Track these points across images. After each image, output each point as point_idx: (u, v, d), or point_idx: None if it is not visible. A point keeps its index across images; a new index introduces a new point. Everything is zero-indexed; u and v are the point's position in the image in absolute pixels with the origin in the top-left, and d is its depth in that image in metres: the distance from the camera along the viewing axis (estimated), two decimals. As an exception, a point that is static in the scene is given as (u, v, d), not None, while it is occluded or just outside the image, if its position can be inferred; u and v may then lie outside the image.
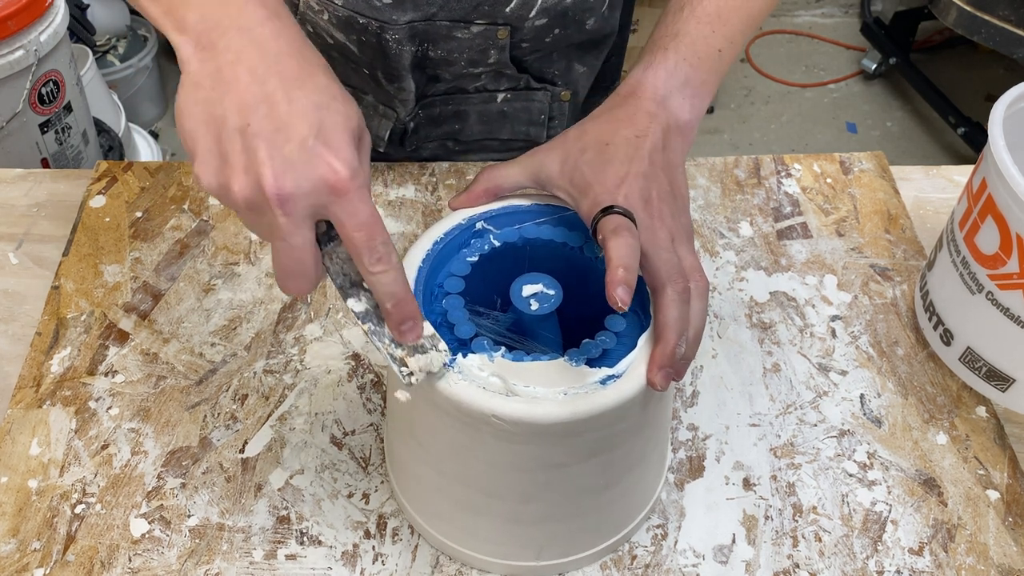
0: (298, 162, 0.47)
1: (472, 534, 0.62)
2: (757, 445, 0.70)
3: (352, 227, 0.48)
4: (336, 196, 0.48)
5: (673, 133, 0.61)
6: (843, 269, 0.83)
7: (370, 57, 0.84)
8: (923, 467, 0.69)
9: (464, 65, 0.85)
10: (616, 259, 0.52)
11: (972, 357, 0.72)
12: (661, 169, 0.59)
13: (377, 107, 0.90)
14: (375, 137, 0.91)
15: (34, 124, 1.46)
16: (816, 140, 2.52)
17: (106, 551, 0.64)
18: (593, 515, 0.61)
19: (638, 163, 0.58)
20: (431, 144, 0.94)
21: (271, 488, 0.67)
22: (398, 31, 0.80)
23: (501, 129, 0.93)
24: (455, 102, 0.90)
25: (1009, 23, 1.99)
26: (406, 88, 0.86)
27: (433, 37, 0.82)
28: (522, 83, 0.90)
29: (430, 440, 0.58)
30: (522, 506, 0.59)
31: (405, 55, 0.82)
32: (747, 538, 0.65)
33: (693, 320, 0.55)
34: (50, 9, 1.44)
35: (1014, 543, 0.65)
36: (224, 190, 0.48)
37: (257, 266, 0.82)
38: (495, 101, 0.91)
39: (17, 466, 0.68)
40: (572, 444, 0.54)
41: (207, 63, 0.49)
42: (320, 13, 0.83)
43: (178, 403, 0.72)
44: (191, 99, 0.49)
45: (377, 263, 0.49)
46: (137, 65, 2.31)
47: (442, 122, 0.92)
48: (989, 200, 0.67)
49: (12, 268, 0.82)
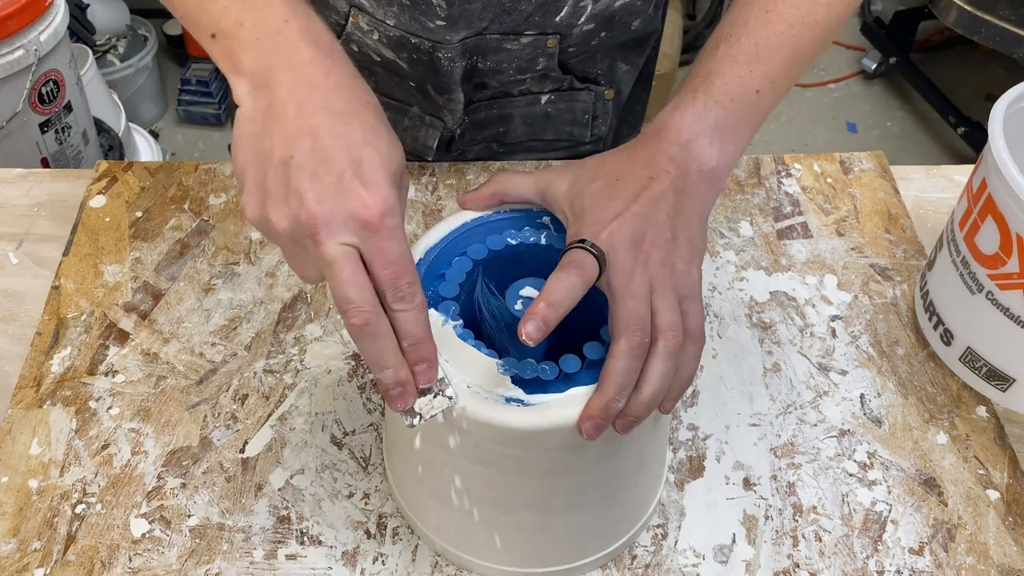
0: (334, 194, 0.48)
1: (471, 541, 0.62)
2: (757, 445, 0.70)
3: (380, 264, 0.49)
4: (367, 231, 0.48)
5: (694, 179, 0.57)
6: (843, 269, 0.83)
7: (420, 73, 0.84)
8: (923, 467, 0.69)
9: (513, 73, 0.85)
10: (544, 292, 0.50)
11: (972, 357, 0.72)
12: (667, 214, 0.55)
13: (423, 118, 0.90)
14: (423, 147, 0.91)
15: (34, 124, 1.46)
16: (816, 140, 2.52)
17: (106, 551, 0.64)
18: (591, 523, 0.61)
19: (640, 204, 0.55)
20: (476, 147, 0.94)
21: (271, 488, 0.67)
22: (451, 49, 0.79)
23: (545, 130, 0.92)
24: (499, 106, 0.90)
25: (1009, 23, 1.99)
26: (455, 99, 0.86)
27: (483, 51, 0.82)
28: (566, 84, 0.89)
29: (430, 448, 0.58)
30: (523, 514, 0.59)
31: (456, 70, 0.82)
32: (747, 538, 0.65)
33: (649, 376, 0.52)
34: (50, 9, 1.45)
35: (1014, 543, 0.65)
36: (265, 222, 0.50)
37: (257, 266, 0.82)
38: (539, 103, 0.90)
39: (17, 466, 0.68)
40: (568, 451, 0.54)
41: (260, 100, 0.51)
42: (369, 33, 0.82)
43: (178, 403, 0.72)
44: (243, 134, 0.51)
45: (400, 301, 0.49)
46: (137, 65, 2.31)
47: (487, 126, 0.92)
48: (989, 200, 0.67)
49: (12, 268, 0.82)
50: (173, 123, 2.52)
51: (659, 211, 0.55)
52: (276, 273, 0.81)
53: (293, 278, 0.81)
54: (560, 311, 0.50)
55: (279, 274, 0.81)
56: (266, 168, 0.49)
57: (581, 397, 0.52)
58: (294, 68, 0.51)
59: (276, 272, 0.81)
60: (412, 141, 0.91)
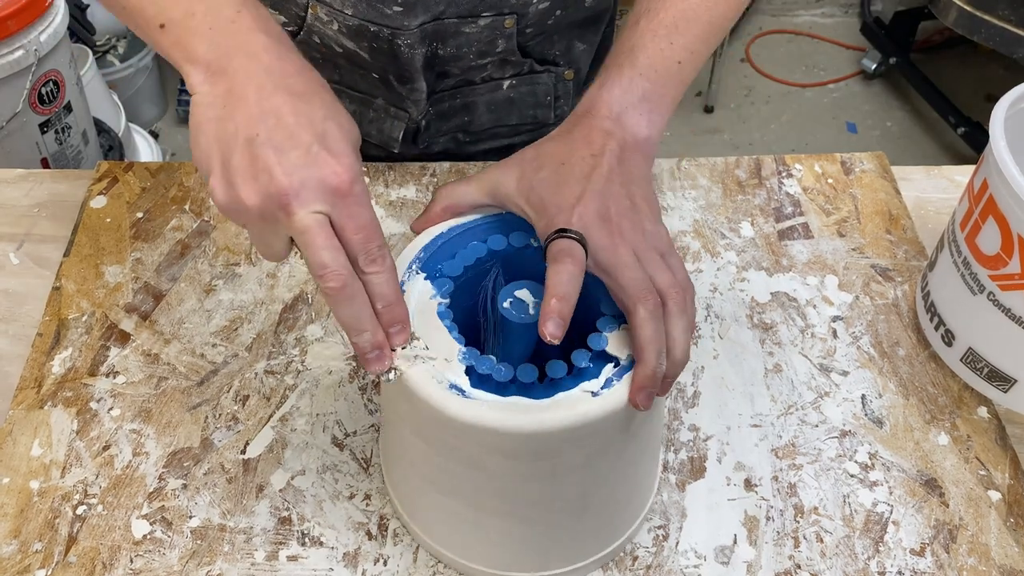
0: (303, 165, 0.50)
1: (466, 544, 0.62)
2: (758, 446, 0.70)
3: (352, 229, 0.50)
4: (337, 198, 0.50)
5: (631, 149, 0.59)
6: (844, 269, 0.83)
7: (382, 62, 0.84)
8: (924, 468, 0.69)
9: (473, 58, 0.86)
10: (550, 288, 0.51)
11: (974, 358, 0.72)
12: (620, 185, 0.57)
13: (388, 109, 0.91)
14: (388, 138, 0.92)
15: (34, 124, 1.46)
16: (816, 140, 2.52)
17: (107, 552, 0.64)
18: (585, 525, 0.60)
19: (595, 181, 0.56)
20: (442, 139, 0.95)
21: (272, 489, 0.67)
22: (410, 35, 0.80)
23: (509, 115, 0.93)
24: (463, 95, 0.91)
25: (1009, 23, 1.99)
26: (418, 88, 0.86)
27: (442, 36, 0.82)
28: (526, 68, 0.90)
29: (421, 451, 0.58)
30: (516, 516, 0.58)
31: (417, 57, 0.82)
32: (748, 539, 0.65)
33: (674, 336, 0.53)
34: (50, 9, 1.44)
35: (1016, 544, 0.65)
36: (236, 202, 0.50)
37: (258, 267, 0.82)
38: (501, 89, 0.91)
39: (19, 467, 0.68)
40: (559, 453, 0.54)
41: (217, 86, 0.52)
42: (329, 24, 0.83)
43: (179, 404, 0.72)
44: (203, 119, 0.52)
45: (372, 264, 0.51)
46: (137, 65, 2.31)
47: (452, 116, 0.93)
48: (990, 201, 0.67)
49: (13, 268, 0.82)
50: (173, 123, 2.51)
51: (613, 184, 0.57)
52: (277, 274, 0.81)
53: (294, 279, 0.81)
54: (572, 301, 0.52)
55: (280, 275, 0.81)
56: (231, 149, 0.50)
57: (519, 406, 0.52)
58: (251, 55, 0.53)
59: (277, 273, 0.81)
60: (378, 133, 0.92)
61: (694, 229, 0.86)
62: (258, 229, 0.52)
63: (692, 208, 0.88)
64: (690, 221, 0.87)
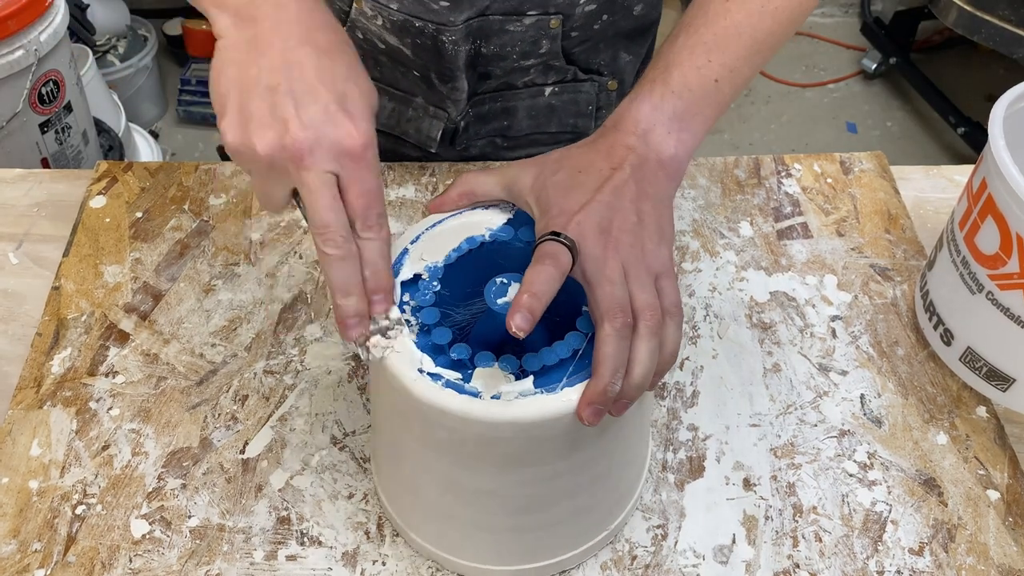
0: (320, 122, 0.51)
1: (450, 539, 0.62)
2: (757, 445, 0.70)
3: (356, 193, 0.52)
4: (349, 160, 0.51)
5: (652, 167, 0.58)
6: (843, 269, 0.83)
7: (424, 59, 0.84)
8: (923, 467, 0.69)
9: (516, 58, 0.85)
10: (525, 284, 0.51)
11: (972, 357, 0.72)
12: (630, 200, 0.56)
13: (428, 108, 0.90)
14: (426, 138, 0.92)
15: (34, 124, 1.46)
16: (816, 140, 2.52)
17: (107, 552, 0.64)
18: (572, 514, 0.60)
19: (604, 193, 0.56)
20: (480, 142, 0.94)
21: (271, 489, 0.67)
22: (454, 31, 0.80)
23: (549, 122, 0.93)
24: (504, 98, 0.91)
25: (1009, 23, 1.99)
26: (459, 88, 0.86)
27: (487, 33, 0.82)
28: (569, 75, 0.89)
29: (404, 444, 0.58)
30: (513, 510, 0.59)
31: (460, 55, 0.83)
32: (747, 538, 0.65)
33: (637, 358, 0.52)
34: (50, 9, 1.44)
35: (1014, 543, 0.65)
36: (247, 147, 0.51)
37: (257, 267, 0.82)
38: (543, 95, 0.90)
39: (18, 467, 0.68)
40: (542, 444, 0.54)
41: (244, 31, 0.53)
42: (373, 19, 0.83)
43: (179, 404, 0.72)
44: (226, 61, 0.53)
45: (368, 230, 0.53)
46: (137, 65, 2.31)
47: (491, 119, 0.92)
48: (989, 200, 0.67)
49: (12, 268, 0.82)
50: (173, 123, 2.52)
51: (623, 199, 0.56)
52: (276, 274, 0.81)
53: (293, 278, 0.81)
54: (544, 300, 0.51)
55: (279, 275, 0.81)
56: (250, 94, 0.51)
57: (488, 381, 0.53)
58: (279, 4, 0.54)
59: (276, 273, 0.81)
60: (416, 132, 0.92)
61: (693, 229, 0.86)
62: (263, 177, 0.53)
63: (691, 208, 0.88)
64: (689, 221, 0.87)
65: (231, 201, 0.87)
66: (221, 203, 0.87)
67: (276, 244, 0.84)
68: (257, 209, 0.86)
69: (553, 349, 0.54)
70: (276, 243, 0.84)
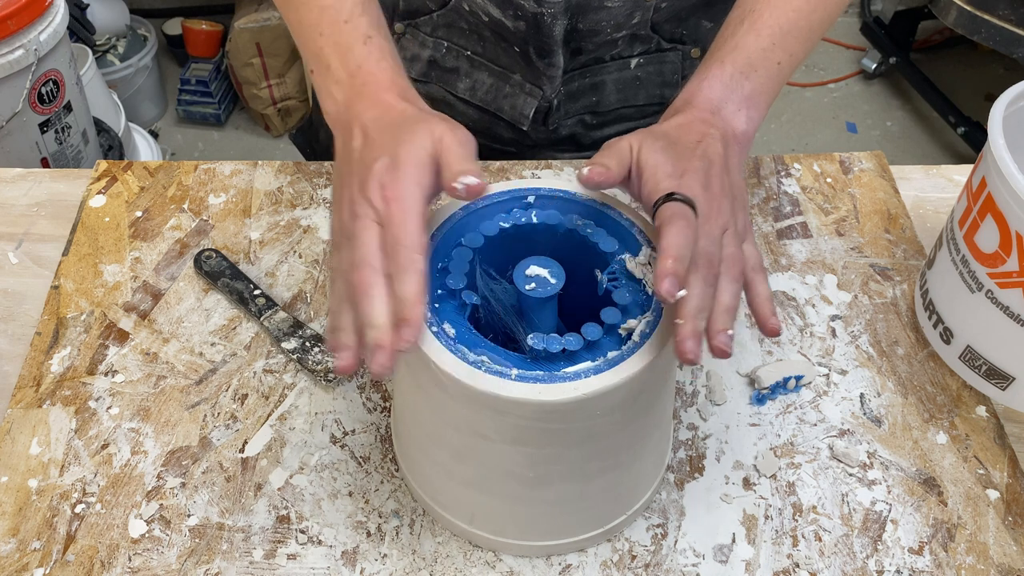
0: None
1: (477, 514, 0.62)
2: (757, 444, 0.70)
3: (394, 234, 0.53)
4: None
5: (730, 141, 0.62)
6: (843, 269, 0.83)
7: (524, 33, 0.86)
8: (923, 466, 0.69)
9: (610, 32, 0.87)
10: (667, 248, 0.52)
11: (972, 356, 0.72)
12: (720, 168, 0.59)
13: (524, 85, 0.92)
14: (519, 115, 0.93)
15: (34, 124, 1.46)
16: (816, 140, 2.52)
17: (106, 551, 0.64)
18: (588, 498, 0.61)
19: (699, 160, 0.58)
20: (570, 120, 0.96)
21: (271, 488, 0.67)
22: (554, 5, 0.82)
23: (637, 95, 0.95)
24: (592, 73, 0.92)
25: (1009, 23, 1.99)
26: (555, 64, 0.88)
27: (584, 9, 0.84)
28: (653, 45, 0.91)
29: (435, 424, 0.59)
30: (527, 486, 0.59)
31: (558, 28, 0.84)
32: (747, 538, 0.65)
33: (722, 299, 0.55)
34: (50, 9, 1.45)
35: (1014, 542, 0.65)
36: None
37: (257, 266, 0.82)
38: (629, 67, 0.92)
39: (17, 466, 0.68)
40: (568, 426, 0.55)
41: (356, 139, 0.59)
42: None
43: (178, 403, 0.72)
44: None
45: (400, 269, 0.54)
46: (137, 65, 2.31)
47: (581, 96, 0.94)
48: (989, 199, 0.67)
49: (12, 268, 0.82)
50: (173, 123, 2.52)
51: (714, 166, 0.59)
52: (276, 273, 0.81)
53: (293, 278, 0.81)
54: (686, 263, 0.52)
55: (279, 274, 0.81)
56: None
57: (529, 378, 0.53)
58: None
59: (276, 272, 0.81)
60: (510, 108, 0.94)
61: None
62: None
63: (691, 207, 0.88)
64: (689, 220, 0.87)
65: (230, 200, 0.87)
66: (220, 202, 0.87)
67: (275, 243, 0.84)
68: (256, 208, 0.86)
69: (593, 326, 0.55)
70: (275, 242, 0.84)
